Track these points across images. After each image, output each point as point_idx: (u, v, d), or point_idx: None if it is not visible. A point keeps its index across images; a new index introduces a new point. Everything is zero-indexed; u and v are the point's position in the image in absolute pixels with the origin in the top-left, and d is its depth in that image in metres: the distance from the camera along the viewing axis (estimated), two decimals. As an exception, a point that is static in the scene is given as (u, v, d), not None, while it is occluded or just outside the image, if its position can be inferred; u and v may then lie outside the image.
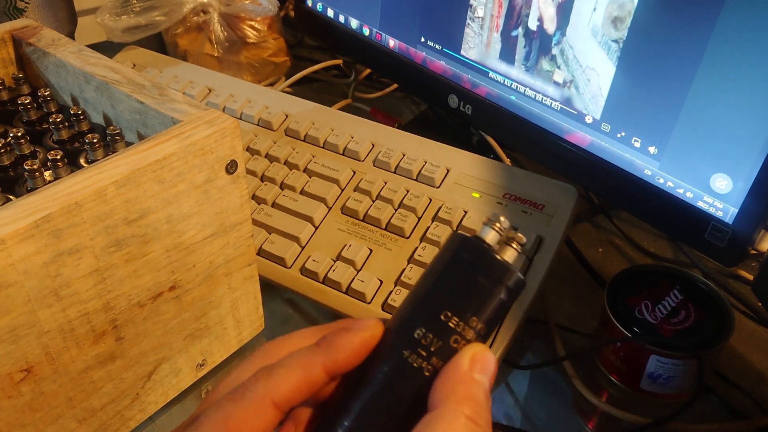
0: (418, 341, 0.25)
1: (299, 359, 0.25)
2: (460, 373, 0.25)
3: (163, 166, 0.36)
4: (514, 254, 0.27)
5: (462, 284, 0.26)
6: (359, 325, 0.26)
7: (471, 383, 0.24)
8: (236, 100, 0.66)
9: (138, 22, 0.76)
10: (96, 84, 0.44)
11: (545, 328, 0.52)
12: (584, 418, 0.48)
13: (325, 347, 0.26)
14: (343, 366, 0.26)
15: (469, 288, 0.26)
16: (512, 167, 0.57)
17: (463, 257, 0.26)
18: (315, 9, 0.73)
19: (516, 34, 0.55)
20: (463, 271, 0.26)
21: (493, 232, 0.27)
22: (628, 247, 0.62)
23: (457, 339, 0.25)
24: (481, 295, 0.26)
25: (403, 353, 0.25)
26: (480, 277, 0.26)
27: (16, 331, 0.33)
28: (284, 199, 0.56)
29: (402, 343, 0.25)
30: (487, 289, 0.26)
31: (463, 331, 0.25)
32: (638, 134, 0.49)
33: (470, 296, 0.26)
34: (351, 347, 0.26)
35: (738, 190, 0.44)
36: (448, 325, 0.25)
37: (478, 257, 0.26)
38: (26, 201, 0.33)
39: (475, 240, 0.27)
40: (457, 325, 0.25)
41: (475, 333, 0.25)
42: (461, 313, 0.25)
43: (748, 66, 0.41)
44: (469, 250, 0.26)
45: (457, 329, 0.25)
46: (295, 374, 0.25)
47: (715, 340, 0.45)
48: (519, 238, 0.27)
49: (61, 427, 0.39)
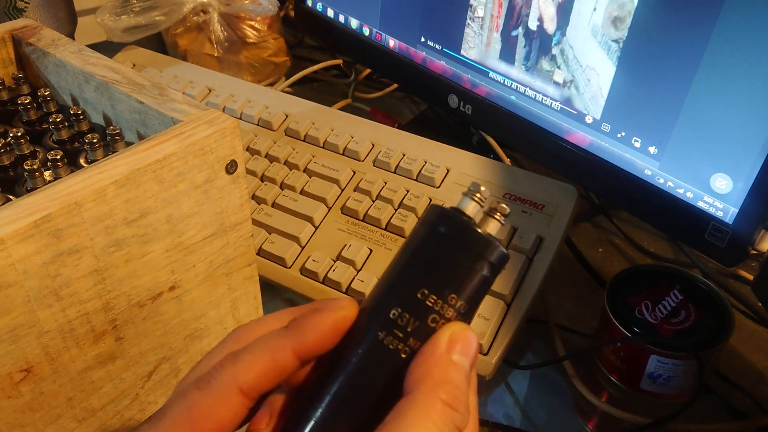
0: (393, 321, 0.24)
1: (267, 343, 0.24)
2: (436, 355, 0.23)
3: (163, 166, 0.36)
4: (497, 226, 0.25)
5: (440, 260, 0.24)
6: (330, 305, 0.25)
7: (448, 365, 0.23)
8: (236, 100, 0.66)
9: (138, 22, 0.76)
10: (96, 84, 0.44)
11: (545, 328, 0.52)
12: (584, 418, 0.48)
13: (294, 330, 0.24)
14: (314, 349, 0.24)
15: (447, 264, 0.24)
16: (512, 167, 0.57)
17: (441, 231, 0.24)
18: (315, 9, 0.73)
19: (516, 34, 0.55)
20: (440, 245, 0.24)
21: (473, 202, 0.25)
22: (628, 247, 0.62)
23: (435, 318, 0.24)
24: (461, 270, 0.24)
25: (378, 335, 0.24)
26: (459, 252, 0.24)
27: (16, 331, 0.33)
28: (284, 199, 0.56)
29: (377, 324, 0.24)
30: (468, 264, 0.24)
31: (441, 309, 0.24)
32: (638, 134, 0.49)
33: (448, 272, 0.24)
34: (321, 329, 0.24)
35: (738, 190, 0.44)
36: (425, 304, 0.24)
37: (457, 230, 0.24)
38: (26, 201, 0.33)
39: (454, 212, 0.25)
40: (435, 304, 0.24)
41: (455, 311, 0.24)
42: (439, 290, 0.24)
43: (748, 66, 0.41)
44: (447, 223, 0.24)
45: (434, 308, 0.24)
46: (262, 360, 0.24)
47: (715, 340, 0.45)
48: (502, 209, 0.25)
49: (61, 427, 0.39)
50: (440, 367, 0.23)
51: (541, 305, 0.53)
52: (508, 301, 0.48)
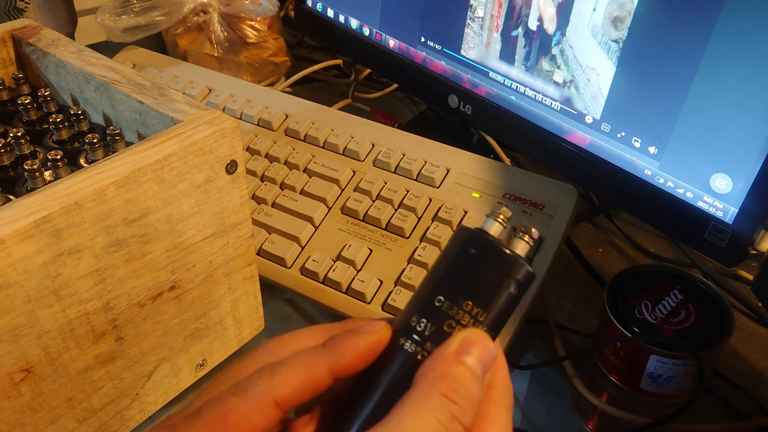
0: (413, 328, 0.25)
1: (304, 359, 0.25)
2: (444, 354, 0.24)
3: (163, 166, 0.36)
4: (525, 247, 0.27)
5: (464, 274, 0.26)
6: (367, 328, 0.26)
7: (453, 362, 0.24)
8: (236, 100, 0.66)
9: (138, 22, 0.76)
10: (96, 84, 0.44)
11: (545, 328, 0.52)
12: (584, 418, 0.48)
13: (331, 349, 0.25)
14: (349, 369, 0.25)
15: (470, 276, 0.25)
16: (512, 167, 0.57)
17: (469, 251, 0.26)
18: (315, 9, 0.73)
19: (516, 34, 0.55)
20: (463, 262, 0.26)
21: (497, 224, 0.27)
22: (628, 247, 0.62)
23: (451, 324, 0.25)
24: (479, 280, 0.25)
25: (400, 340, 0.25)
26: (482, 267, 0.26)
27: (16, 331, 0.33)
28: (284, 199, 0.56)
29: (401, 333, 0.26)
30: (489, 277, 0.25)
31: (456, 315, 0.25)
32: (638, 134, 0.49)
33: (469, 283, 0.25)
34: (357, 351, 0.25)
35: (738, 190, 0.44)
36: (440, 309, 0.25)
37: (486, 249, 0.26)
38: (26, 201, 0.33)
39: (479, 232, 0.26)
40: (450, 309, 0.25)
41: (471, 318, 0.25)
42: (453, 296, 0.25)
43: (748, 66, 0.41)
44: (474, 243, 0.26)
45: (449, 312, 0.25)
46: (299, 375, 0.24)
47: (715, 340, 0.45)
48: (532, 233, 0.27)
49: (61, 427, 0.39)
50: (444, 363, 0.24)
51: (541, 305, 0.53)
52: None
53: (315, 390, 0.25)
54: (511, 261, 0.26)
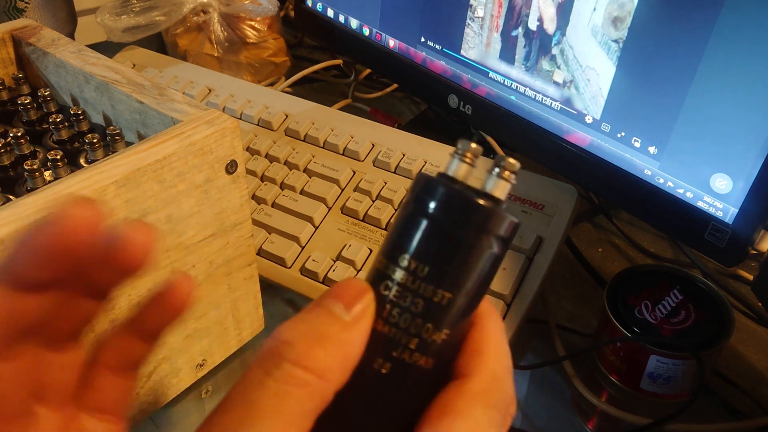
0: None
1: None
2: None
3: (163, 166, 0.36)
4: (505, 188, 0.21)
5: (421, 238, 0.20)
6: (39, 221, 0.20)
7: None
8: (236, 100, 0.66)
9: (138, 22, 0.76)
10: (96, 84, 0.44)
11: (545, 328, 0.52)
12: (584, 418, 0.48)
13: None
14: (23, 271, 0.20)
15: (428, 239, 0.20)
16: (512, 167, 0.57)
17: (427, 207, 0.20)
18: (315, 9, 0.73)
19: (516, 34, 0.55)
20: (423, 223, 0.20)
21: (463, 164, 0.21)
22: (628, 247, 0.62)
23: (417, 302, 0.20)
24: (446, 246, 0.20)
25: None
26: (447, 227, 0.20)
27: (16, 331, 0.33)
28: (284, 199, 0.56)
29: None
30: (460, 239, 0.20)
31: (424, 292, 0.20)
32: (638, 134, 0.49)
33: (428, 248, 0.20)
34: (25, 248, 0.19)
35: (738, 190, 0.44)
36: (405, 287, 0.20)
37: (444, 201, 0.20)
38: (26, 201, 0.33)
39: (440, 179, 0.21)
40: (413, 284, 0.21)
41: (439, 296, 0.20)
42: (415, 268, 0.20)
43: (748, 66, 0.41)
44: (433, 195, 0.20)
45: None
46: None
47: (715, 340, 0.45)
48: (512, 165, 0.21)
49: (61, 427, 0.38)
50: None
51: (541, 305, 0.53)
52: (508, 301, 0.48)
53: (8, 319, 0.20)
54: (486, 213, 0.20)
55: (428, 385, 0.21)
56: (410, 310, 0.20)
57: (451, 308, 0.20)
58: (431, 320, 0.20)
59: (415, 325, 0.20)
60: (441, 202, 0.20)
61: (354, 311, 0.20)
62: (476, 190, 0.21)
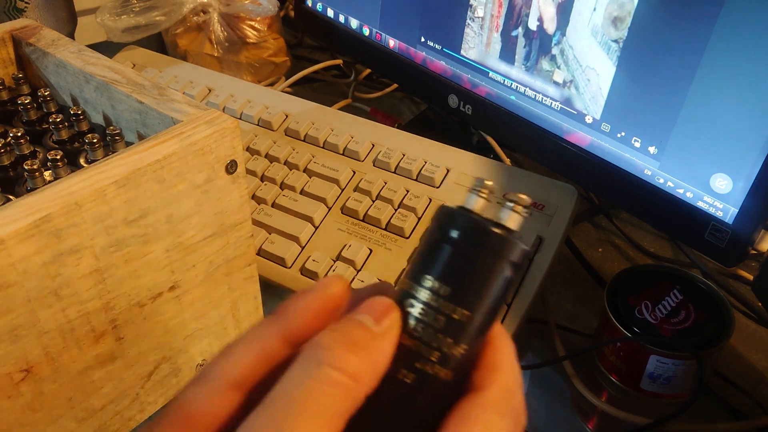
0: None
1: (256, 333, 0.23)
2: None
3: (163, 166, 0.36)
4: (517, 220, 0.23)
5: (445, 262, 0.23)
6: (316, 285, 0.23)
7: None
8: (236, 100, 0.66)
9: (138, 22, 0.76)
10: (96, 84, 0.44)
11: (545, 328, 0.52)
12: (584, 418, 0.48)
13: (281, 315, 0.23)
14: (303, 333, 0.23)
15: (450, 264, 0.23)
16: (512, 167, 0.57)
17: (451, 235, 0.23)
18: (315, 9, 0.73)
19: (516, 34, 0.55)
20: (446, 249, 0.23)
21: (480, 199, 0.24)
22: (628, 247, 0.62)
23: (439, 318, 0.23)
24: (467, 269, 0.23)
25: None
26: (468, 252, 0.23)
27: (16, 331, 0.33)
28: (284, 199, 0.56)
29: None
30: (478, 263, 0.23)
31: (445, 309, 0.23)
32: (638, 134, 0.49)
33: (451, 271, 0.23)
34: (308, 311, 0.23)
35: (738, 190, 0.44)
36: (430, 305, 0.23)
37: (465, 230, 0.23)
38: (26, 201, 0.33)
39: (460, 211, 0.23)
40: (437, 302, 0.23)
41: (458, 313, 0.23)
42: (439, 288, 0.22)
43: (748, 66, 0.41)
44: (455, 225, 0.23)
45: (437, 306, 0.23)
46: (251, 350, 0.23)
47: (715, 340, 0.45)
48: (522, 200, 0.24)
49: (61, 427, 0.39)
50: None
51: (541, 305, 0.53)
52: (508, 301, 0.48)
53: (271, 361, 0.23)
54: (501, 241, 0.23)
55: (447, 396, 0.23)
56: (432, 325, 0.23)
57: (470, 325, 0.23)
58: (451, 335, 0.23)
59: (437, 340, 0.23)
60: (463, 230, 0.23)
61: (383, 324, 0.22)
62: (493, 222, 0.23)
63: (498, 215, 0.24)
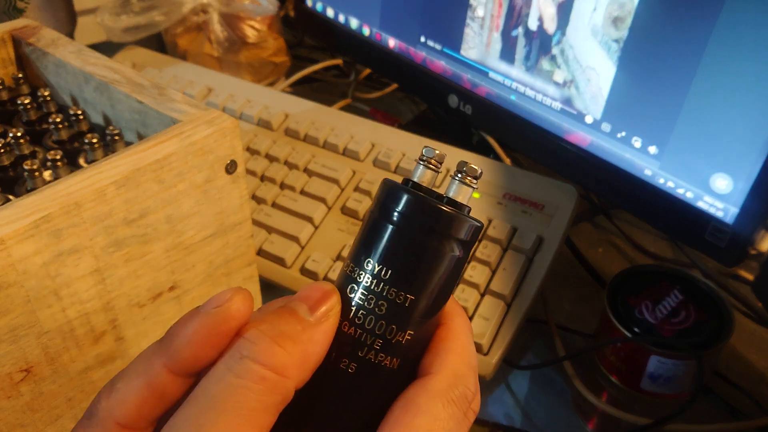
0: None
1: (139, 366, 0.21)
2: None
3: (163, 166, 0.36)
4: (467, 193, 0.22)
5: (387, 243, 0.21)
6: (210, 301, 0.21)
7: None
8: (236, 100, 0.66)
9: (138, 22, 0.76)
10: (96, 84, 0.44)
11: (545, 328, 0.52)
12: (584, 418, 0.48)
13: (165, 343, 0.21)
14: (191, 362, 0.20)
15: (393, 244, 0.21)
16: (512, 167, 0.57)
17: (393, 213, 0.21)
18: (315, 9, 0.73)
19: (516, 34, 0.54)
20: (387, 228, 0.21)
21: (428, 170, 0.22)
22: (628, 247, 0.62)
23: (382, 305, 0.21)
24: (410, 250, 0.21)
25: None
26: (410, 232, 0.21)
27: (16, 331, 0.33)
28: (284, 199, 0.56)
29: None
30: (422, 244, 0.21)
31: (388, 294, 0.21)
32: (638, 134, 0.49)
33: (393, 252, 0.21)
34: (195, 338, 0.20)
35: (738, 190, 0.44)
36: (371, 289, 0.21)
37: (408, 207, 0.21)
38: (26, 201, 0.33)
39: (402, 186, 0.22)
40: (379, 286, 0.21)
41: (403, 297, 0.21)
42: (380, 272, 0.21)
43: (748, 66, 0.41)
44: (398, 201, 0.21)
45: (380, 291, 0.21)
46: (136, 386, 0.20)
47: (715, 340, 0.45)
48: (472, 170, 0.22)
49: (61, 427, 0.39)
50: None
51: (541, 305, 0.53)
52: (508, 301, 0.48)
53: (161, 394, 0.20)
54: (446, 218, 0.21)
55: (394, 384, 0.22)
56: (374, 312, 0.21)
57: (414, 310, 0.21)
58: (395, 322, 0.21)
59: (380, 327, 0.21)
60: (403, 208, 0.21)
61: (318, 313, 0.21)
62: (438, 195, 0.22)
63: (447, 189, 0.22)
